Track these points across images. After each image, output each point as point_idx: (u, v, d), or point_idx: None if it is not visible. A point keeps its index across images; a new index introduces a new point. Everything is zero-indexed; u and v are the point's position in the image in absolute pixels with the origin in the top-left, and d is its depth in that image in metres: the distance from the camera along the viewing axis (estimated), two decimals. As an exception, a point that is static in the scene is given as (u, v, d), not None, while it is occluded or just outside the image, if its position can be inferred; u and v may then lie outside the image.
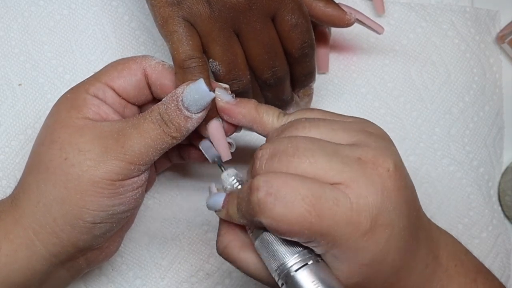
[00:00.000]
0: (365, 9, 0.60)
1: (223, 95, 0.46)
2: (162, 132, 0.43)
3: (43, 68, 0.56)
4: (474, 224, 0.58)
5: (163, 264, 0.55)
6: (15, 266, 0.44)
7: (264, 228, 0.40)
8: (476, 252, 0.58)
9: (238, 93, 0.47)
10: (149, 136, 0.43)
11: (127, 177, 0.43)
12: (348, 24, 0.51)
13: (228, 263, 0.55)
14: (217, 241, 0.44)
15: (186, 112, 0.43)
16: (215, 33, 0.46)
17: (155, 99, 0.48)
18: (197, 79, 0.43)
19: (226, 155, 0.46)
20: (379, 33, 0.54)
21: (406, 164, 0.58)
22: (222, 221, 0.44)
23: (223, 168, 0.45)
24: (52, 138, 0.44)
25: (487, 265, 0.58)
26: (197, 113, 0.43)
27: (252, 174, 0.41)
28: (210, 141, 0.46)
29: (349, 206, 0.38)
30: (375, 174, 0.39)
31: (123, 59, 0.47)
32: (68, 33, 0.57)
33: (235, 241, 0.43)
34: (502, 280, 0.58)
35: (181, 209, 0.56)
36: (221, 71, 0.47)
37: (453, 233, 0.58)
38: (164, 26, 0.45)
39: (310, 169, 0.39)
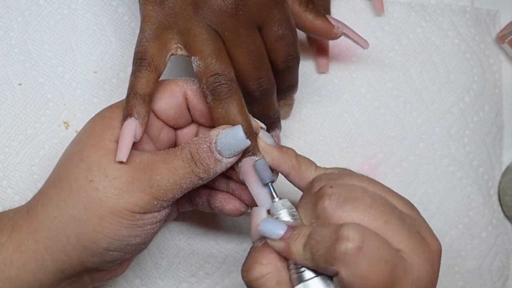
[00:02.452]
0: (365, 9, 0.60)
1: (266, 138, 0.45)
2: (190, 171, 0.43)
3: (43, 68, 0.56)
4: (474, 224, 0.58)
5: (162, 263, 0.55)
6: (24, 279, 0.43)
7: (316, 274, 0.39)
8: (476, 252, 0.58)
9: (222, 92, 0.44)
10: (177, 173, 0.43)
11: (148, 211, 0.43)
12: (334, 37, 0.53)
13: (227, 263, 0.56)
14: (249, 266, 0.41)
15: (217, 155, 0.43)
16: (196, 30, 0.45)
17: (194, 123, 0.48)
18: (235, 126, 0.43)
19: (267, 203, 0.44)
20: (364, 48, 0.54)
21: (406, 164, 0.58)
22: (265, 249, 0.41)
23: (275, 195, 0.43)
24: (81, 156, 0.43)
25: (486, 265, 0.58)
26: (229, 158, 0.43)
27: (320, 213, 0.40)
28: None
29: (411, 278, 0.38)
30: (429, 251, 0.39)
31: (163, 80, 0.46)
32: (68, 32, 0.57)
33: (274, 275, 0.41)
34: (501, 280, 0.58)
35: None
36: (201, 66, 0.44)
37: (453, 233, 0.58)
38: (141, 23, 0.45)
39: (384, 227, 0.38)
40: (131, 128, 0.43)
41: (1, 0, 0.56)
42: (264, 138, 0.45)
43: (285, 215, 0.42)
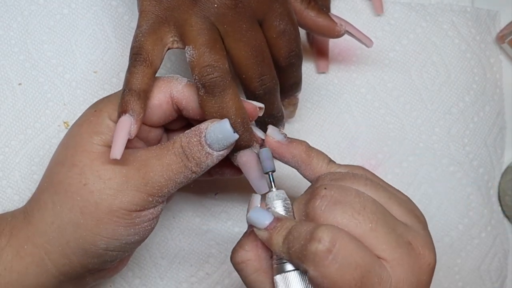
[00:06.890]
0: (365, 9, 0.60)
1: (275, 134, 0.45)
2: (183, 165, 0.43)
3: (43, 68, 0.56)
4: (473, 224, 0.58)
5: (162, 264, 0.55)
6: (26, 283, 0.43)
7: (295, 267, 0.40)
8: (475, 253, 0.58)
9: (216, 86, 0.43)
10: (170, 169, 0.42)
11: (144, 208, 0.43)
12: (337, 36, 0.51)
13: (227, 263, 0.56)
14: (234, 250, 0.43)
15: (208, 149, 0.42)
16: (193, 20, 0.44)
17: (182, 117, 0.47)
18: (223, 120, 0.42)
19: (262, 188, 0.44)
20: (368, 46, 0.53)
21: (405, 165, 0.58)
22: (250, 236, 0.43)
23: (273, 185, 0.43)
24: (72, 161, 0.43)
25: (485, 266, 0.58)
26: (219, 151, 0.43)
27: (310, 211, 0.40)
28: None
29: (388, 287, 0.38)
30: (418, 264, 0.39)
31: None
32: (68, 32, 0.57)
33: (255, 261, 0.42)
34: (500, 281, 0.58)
35: (180, 209, 0.56)
36: (194, 55, 0.43)
37: (454, 233, 0.58)
38: (138, 19, 0.45)
39: (369, 234, 0.38)
40: (126, 125, 0.42)
41: (1, 0, 0.56)
42: (272, 135, 0.45)
43: (278, 206, 0.42)
